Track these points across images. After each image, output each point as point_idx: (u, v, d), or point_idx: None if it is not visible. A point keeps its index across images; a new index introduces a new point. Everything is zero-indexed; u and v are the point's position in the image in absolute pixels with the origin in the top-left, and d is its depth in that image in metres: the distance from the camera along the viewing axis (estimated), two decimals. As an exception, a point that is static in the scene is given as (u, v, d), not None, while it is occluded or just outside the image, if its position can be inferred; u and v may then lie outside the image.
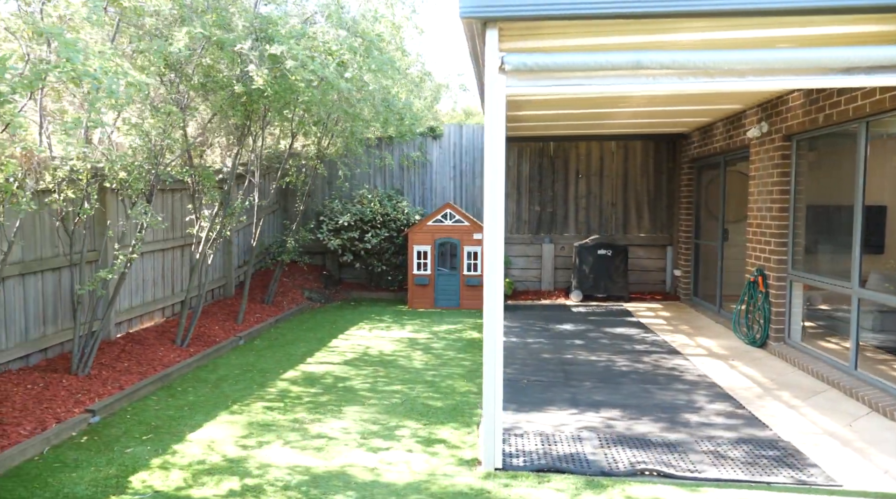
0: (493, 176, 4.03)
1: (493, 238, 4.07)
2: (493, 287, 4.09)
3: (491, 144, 4.01)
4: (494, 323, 4.10)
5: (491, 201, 4.05)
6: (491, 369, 4.13)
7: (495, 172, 4.02)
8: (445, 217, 10.51)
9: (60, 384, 5.50)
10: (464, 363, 6.98)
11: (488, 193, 4.06)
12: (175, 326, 7.86)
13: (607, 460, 4.27)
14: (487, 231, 4.09)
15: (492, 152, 4.02)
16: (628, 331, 8.70)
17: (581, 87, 3.97)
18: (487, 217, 4.08)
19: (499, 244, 4.08)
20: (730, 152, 9.18)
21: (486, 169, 4.05)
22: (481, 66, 5.10)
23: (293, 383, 6.21)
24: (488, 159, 4.03)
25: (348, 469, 4.19)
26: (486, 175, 4.06)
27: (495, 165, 4.02)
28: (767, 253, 7.57)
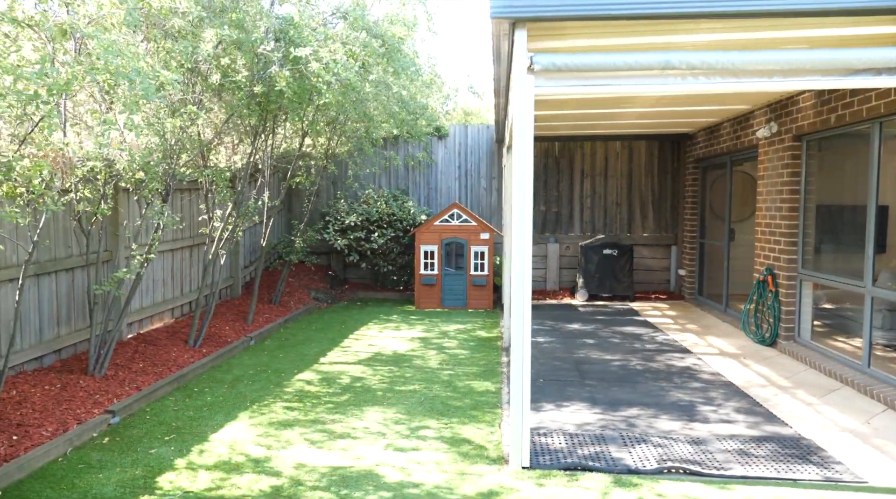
0: (521, 177, 4.04)
1: (522, 239, 4.08)
2: (520, 288, 4.10)
3: (520, 144, 4.02)
4: (522, 324, 4.11)
5: (520, 202, 4.06)
6: (518, 370, 4.15)
7: (524, 172, 4.03)
8: (452, 217, 10.51)
9: (78, 385, 5.48)
10: (478, 363, 6.99)
11: (517, 194, 4.07)
12: (185, 327, 7.84)
13: (633, 459, 4.29)
14: (516, 231, 4.10)
15: (520, 153, 4.03)
16: (637, 330, 8.74)
17: (609, 87, 3.99)
18: (516, 217, 4.09)
19: (527, 245, 4.09)
20: (737, 152, 9.23)
21: (514, 170, 4.06)
22: (503, 65, 5.13)
23: (310, 382, 6.21)
24: (517, 160, 4.04)
25: (377, 469, 4.19)
26: (514, 176, 4.07)
27: (524, 165, 4.03)
28: (777, 252, 7.62)
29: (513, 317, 4.15)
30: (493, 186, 12.13)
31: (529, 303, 4.11)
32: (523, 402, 4.16)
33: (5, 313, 5.50)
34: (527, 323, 4.11)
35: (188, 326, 7.92)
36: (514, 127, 4.05)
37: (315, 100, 5.99)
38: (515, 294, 4.11)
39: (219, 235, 6.98)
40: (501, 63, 5.12)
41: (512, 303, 4.14)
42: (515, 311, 4.13)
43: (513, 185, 4.09)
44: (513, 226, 4.12)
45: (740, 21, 4.05)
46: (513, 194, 4.09)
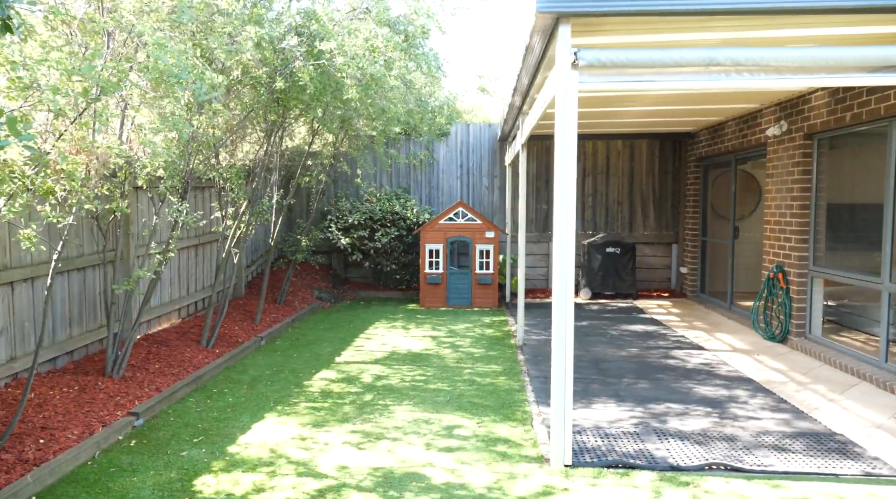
0: (565, 174, 4.01)
1: (565, 236, 4.05)
2: (563, 286, 4.07)
3: (563, 141, 3.99)
4: (564, 322, 4.08)
5: (563, 199, 4.03)
6: (560, 368, 4.12)
7: (567, 169, 4.00)
8: (457, 215, 10.48)
9: (97, 387, 5.35)
10: (495, 361, 6.96)
11: (560, 191, 4.04)
12: (194, 327, 7.72)
13: (673, 455, 4.29)
14: (559, 229, 4.07)
15: (564, 150, 4.00)
16: (646, 328, 8.77)
17: (651, 83, 3.98)
18: (559, 215, 4.06)
19: (570, 243, 4.06)
20: (743, 151, 9.31)
21: (557, 167, 4.03)
22: (530, 63, 5.09)
23: (331, 382, 6.13)
24: (560, 157, 4.01)
25: (420, 469, 4.14)
26: (557, 173, 4.04)
27: (567, 163, 4.00)
28: (787, 250, 7.68)
29: (555, 315, 4.12)
30: (494, 184, 12.11)
31: (572, 301, 4.09)
32: (565, 401, 4.13)
33: (27, 311, 5.37)
34: (569, 322, 4.09)
35: (196, 326, 7.80)
36: (556, 125, 4.02)
37: (336, 95, 5.90)
38: (558, 291, 4.09)
39: (232, 233, 6.86)
40: (529, 60, 5.08)
41: (555, 300, 4.12)
42: (557, 309, 4.10)
43: (555, 182, 4.06)
44: (555, 223, 4.09)
45: (782, 18, 4.05)
46: (555, 193, 4.06)
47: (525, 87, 6.27)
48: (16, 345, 5.35)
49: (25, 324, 5.48)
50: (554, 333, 4.15)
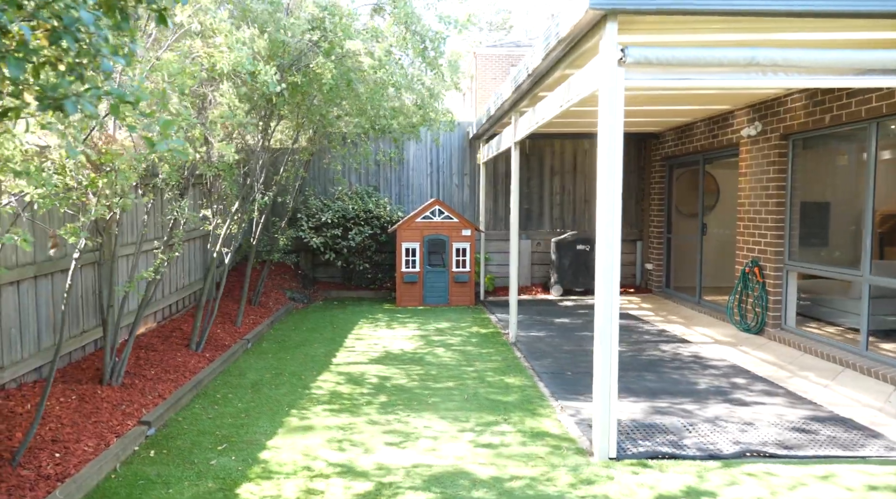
0: (610, 173, 4.05)
1: (610, 235, 4.10)
2: (607, 284, 4.11)
3: (609, 138, 4.04)
4: (610, 320, 4.13)
5: (608, 199, 4.07)
6: (606, 361, 4.16)
7: (613, 169, 4.05)
8: (434, 214, 10.43)
9: (97, 396, 5.02)
10: (493, 359, 6.97)
11: (604, 192, 4.08)
12: (174, 331, 7.37)
13: (706, 444, 4.41)
14: (603, 225, 4.11)
15: (610, 147, 4.04)
16: (626, 322, 8.99)
17: (694, 81, 4.08)
18: (604, 212, 4.10)
19: (615, 241, 4.10)
20: (712, 151, 9.68)
21: (603, 165, 4.07)
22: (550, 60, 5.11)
23: (337, 384, 5.98)
24: (606, 155, 4.05)
25: (465, 466, 4.09)
26: (602, 171, 4.08)
27: (613, 161, 4.05)
28: (763, 245, 8.05)
29: (599, 312, 4.16)
30: (464, 182, 12.12)
31: (618, 296, 4.14)
32: (610, 394, 4.17)
33: (13, 318, 4.97)
34: (614, 319, 4.13)
35: (176, 329, 7.45)
36: (601, 122, 4.06)
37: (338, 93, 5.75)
38: (603, 289, 4.13)
39: (224, 232, 6.59)
40: (551, 57, 5.11)
41: (599, 298, 4.16)
42: (602, 306, 4.14)
43: (599, 181, 4.10)
44: (600, 222, 4.12)
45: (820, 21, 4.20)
46: (600, 192, 4.10)
47: (528, 86, 6.31)
48: (3, 353, 4.95)
49: (12, 331, 5.07)
50: (598, 330, 4.18)
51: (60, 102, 1.80)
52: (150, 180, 5.66)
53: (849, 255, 7.01)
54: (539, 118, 6.00)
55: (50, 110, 1.82)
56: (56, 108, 1.81)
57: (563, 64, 5.18)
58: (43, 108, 1.82)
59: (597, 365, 4.21)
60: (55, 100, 1.80)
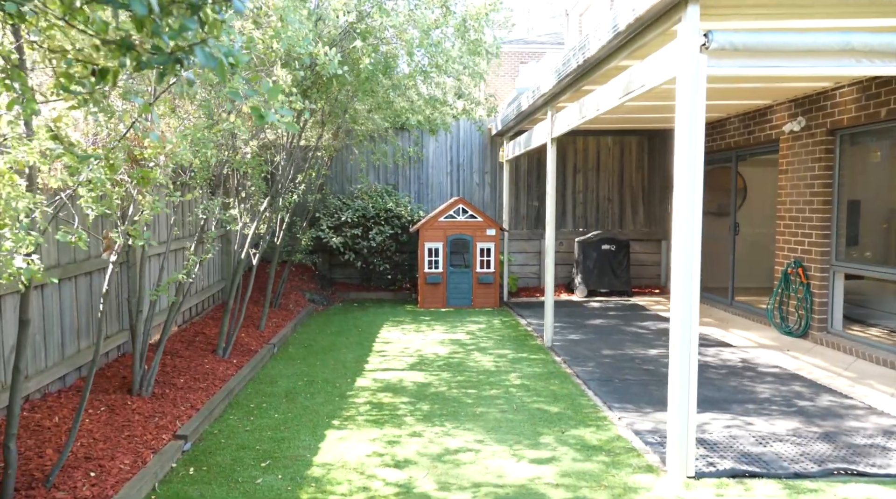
0: (690, 168, 3.74)
1: (688, 235, 3.79)
2: (687, 286, 3.80)
3: (689, 129, 3.73)
4: (689, 326, 3.82)
5: (687, 197, 3.76)
6: (684, 371, 3.85)
7: (693, 164, 3.74)
8: (457, 212, 10.12)
9: (127, 407, 4.72)
10: (533, 364, 6.67)
11: (683, 188, 3.77)
12: (197, 335, 7.07)
13: (787, 460, 4.11)
14: (681, 228, 3.80)
15: (690, 139, 3.73)
16: (658, 325, 8.69)
17: (782, 69, 3.77)
18: (682, 207, 3.79)
19: (695, 241, 3.79)
20: (747, 148, 9.37)
21: (682, 158, 3.76)
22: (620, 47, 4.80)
23: (375, 392, 5.67)
24: (685, 147, 3.75)
25: (535, 487, 3.79)
26: (680, 164, 3.77)
27: (693, 157, 3.74)
28: (807, 245, 7.75)
29: (676, 317, 3.84)
30: (485, 180, 11.81)
31: (697, 301, 3.83)
32: (689, 406, 3.86)
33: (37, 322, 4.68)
34: (694, 325, 3.82)
35: (199, 333, 7.15)
36: (679, 113, 3.75)
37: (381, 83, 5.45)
38: (682, 292, 3.82)
39: (252, 232, 6.28)
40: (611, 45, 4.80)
41: (676, 301, 3.85)
42: (680, 310, 3.83)
43: (677, 177, 3.79)
44: (678, 218, 3.82)
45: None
46: (678, 187, 3.80)
47: (573, 79, 6.00)
48: (27, 362, 4.65)
49: (36, 337, 4.77)
50: (675, 337, 3.87)
51: (181, 55, 1.47)
52: (178, 178, 5.35)
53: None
54: (588, 113, 5.69)
55: (156, 67, 1.49)
56: (176, 62, 1.49)
57: (622, 54, 4.87)
58: (145, 65, 1.49)
59: (673, 375, 3.90)
60: (176, 50, 1.47)
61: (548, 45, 27.52)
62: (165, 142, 3.24)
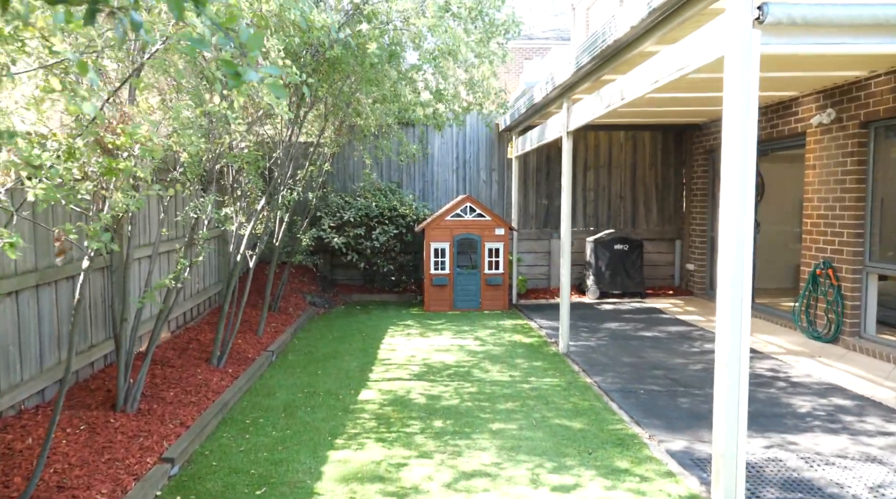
0: (741, 160, 3.30)
1: (739, 235, 3.34)
2: (739, 292, 3.36)
3: (741, 118, 3.28)
4: (739, 337, 3.36)
5: (737, 191, 3.32)
6: (732, 392, 3.40)
7: (746, 154, 3.29)
8: (465, 211, 9.68)
9: (110, 426, 4.29)
10: (549, 374, 6.23)
11: (732, 183, 3.32)
12: (191, 342, 6.64)
13: (844, 491, 3.67)
14: (730, 227, 3.36)
15: (742, 130, 3.29)
16: (678, 329, 8.25)
17: (846, 47, 3.33)
18: (731, 210, 3.35)
19: (746, 242, 3.35)
20: (769, 142, 8.92)
21: (729, 152, 3.32)
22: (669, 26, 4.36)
23: (381, 406, 5.24)
24: (734, 138, 3.30)
25: (564, 521, 3.35)
26: (728, 159, 3.33)
27: (746, 146, 3.29)
28: (837, 244, 7.30)
29: (726, 325, 3.40)
30: (492, 178, 11.37)
31: (748, 310, 3.38)
32: (738, 432, 3.39)
33: (11, 333, 4.25)
34: (744, 333, 3.37)
35: (193, 340, 6.72)
36: (728, 96, 3.31)
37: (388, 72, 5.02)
38: (730, 298, 3.37)
39: (248, 232, 5.84)
40: (643, 25, 4.36)
41: (724, 309, 3.40)
42: (728, 318, 3.38)
43: (726, 167, 3.35)
44: (726, 216, 3.37)
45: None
46: (726, 179, 3.35)
47: (594, 67, 5.56)
48: (0, 376, 4.22)
49: (10, 349, 4.35)
50: (722, 351, 3.43)
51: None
52: (167, 174, 4.93)
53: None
54: (613, 101, 5.23)
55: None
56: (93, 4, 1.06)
57: (653, 37, 4.44)
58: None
59: (720, 397, 3.45)
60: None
61: (552, 41, 27.11)
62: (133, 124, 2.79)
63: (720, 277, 3.44)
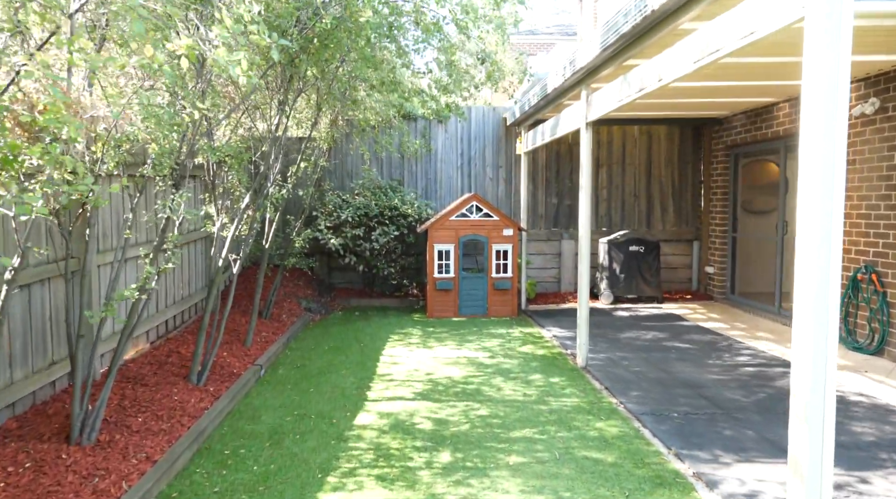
0: (826, 146, 2.65)
1: (826, 232, 2.69)
2: (823, 301, 2.70)
3: (825, 94, 2.64)
4: (825, 363, 2.71)
5: (824, 174, 2.66)
6: (815, 462, 2.73)
7: (832, 139, 2.64)
8: (471, 210, 9.03)
9: (60, 462, 3.64)
10: (568, 391, 5.58)
11: (815, 164, 2.67)
12: (171, 354, 6.00)
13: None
14: (815, 230, 2.70)
15: (828, 108, 2.64)
16: (702, 338, 7.60)
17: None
18: (812, 197, 2.70)
19: (835, 236, 2.70)
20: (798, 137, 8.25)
21: (810, 130, 2.67)
22: None
23: (380, 432, 4.59)
24: (820, 121, 2.65)
25: None
26: (809, 138, 2.68)
27: (834, 128, 2.64)
28: (882, 247, 6.65)
29: (805, 370, 2.75)
30: (499, 175, 10.72)
31: (836, 329, 2.72)
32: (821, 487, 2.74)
33: None
34: (830, 360, 2.72)
35: (174, 352, 6.08)
36: (809, 68, 2.67)
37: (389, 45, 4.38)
38: (816, 309, 2.72)
39: (232, 234, 5.19)
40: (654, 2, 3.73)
41: (806, 323, 2.75)
42: (811, 337, 2.73)
43: (805, 157, 2.70)
44: (807, 205, 2.72)
45: None
46: (805, 170, 2.71)
47: (621, 46, 4.91)
48: (-69, 404, 3.58)
49: None
50: (799, 400, 2.77)
51: None
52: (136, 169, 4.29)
53: None
54: (649, 83, 4.57)
55: None
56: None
57: (694, 9, 3.79)
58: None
59: (797, 464, 2.78)
60: None
61: (556, 35, 26.48)
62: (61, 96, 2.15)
63: (796, 301, 2.79)
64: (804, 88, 2.73)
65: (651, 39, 4.57)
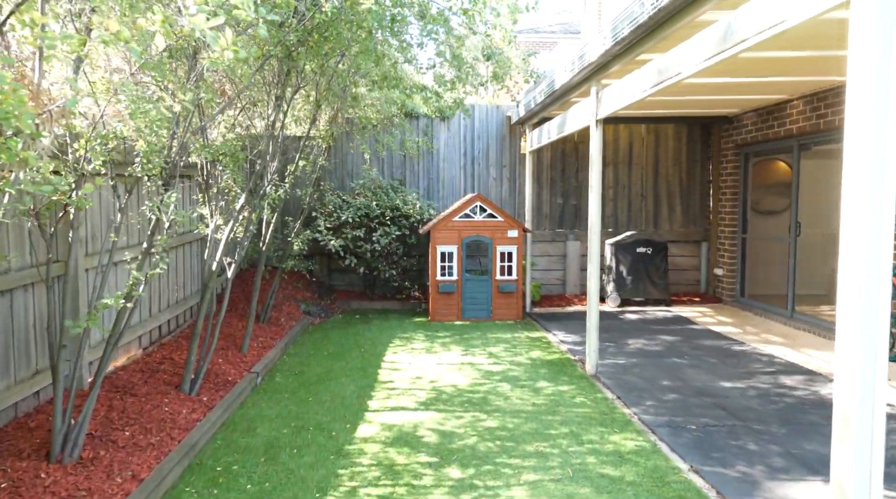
0: (876, 139, 2.40)
1: (877, 242, 2.44)
2: (870, 309, 2.45)
3: (877, 82, 2.39)
4: (873, 377, 2.46)
5: (872, 183, 2.42)
6: (864, 457, 2.49)
7: (884, 133, 2.39)
8: (475, 211, 8.78)
9: (38, 483, 3.39)
10: (577, 401, 5.34)
11: (865, 163, 2.42)
12: (164, 361, 5.75)
13: None
14: (862, 232, 2.46)
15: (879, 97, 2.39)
16: (714, 343, 7.35)
17: None
18: (864, 213, 2.45)
19: (888, 233, 2.45)
20: (815, 135, 8.02)
21: (856, 123, 2.42)
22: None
23: (383, 445, 4.34)
24: (869, 112, 2.40)
25: None
26: (854, 139, 2.43)
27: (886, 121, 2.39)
28: (903, 249, 6.39)
29: (849, 361, 2.50)
30: (503, 175, 10.47)
31: (886, 362, 2.48)
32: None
33: None
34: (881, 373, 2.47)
35: (167, 359, 5.83)
36: (857, 53, 2.42)
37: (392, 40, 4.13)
38: (863, 318, 2.47)
39: (226, 236, 4.94)
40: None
41: (851, 334, 2.50)
42: (859, 349, 2.48)
43: (850, 151, 2.46)
44: (853, 218, 2.48)
45: None
46: (850, 167, 2.46)
47: (634, 39, 4.66)
48: None
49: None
50: (849, 392, 2.52)
51: None
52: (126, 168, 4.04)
53: None
54: (668, 75, 4.32)
55: None
56: None
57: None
58: None
59: (843, 473, 2.55)
60: None
61: (559, 34, 26.24)
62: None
63: (840, 306, 2.54)
64: (850, 76, 2.48)
65: (668, 30, 4.33)
